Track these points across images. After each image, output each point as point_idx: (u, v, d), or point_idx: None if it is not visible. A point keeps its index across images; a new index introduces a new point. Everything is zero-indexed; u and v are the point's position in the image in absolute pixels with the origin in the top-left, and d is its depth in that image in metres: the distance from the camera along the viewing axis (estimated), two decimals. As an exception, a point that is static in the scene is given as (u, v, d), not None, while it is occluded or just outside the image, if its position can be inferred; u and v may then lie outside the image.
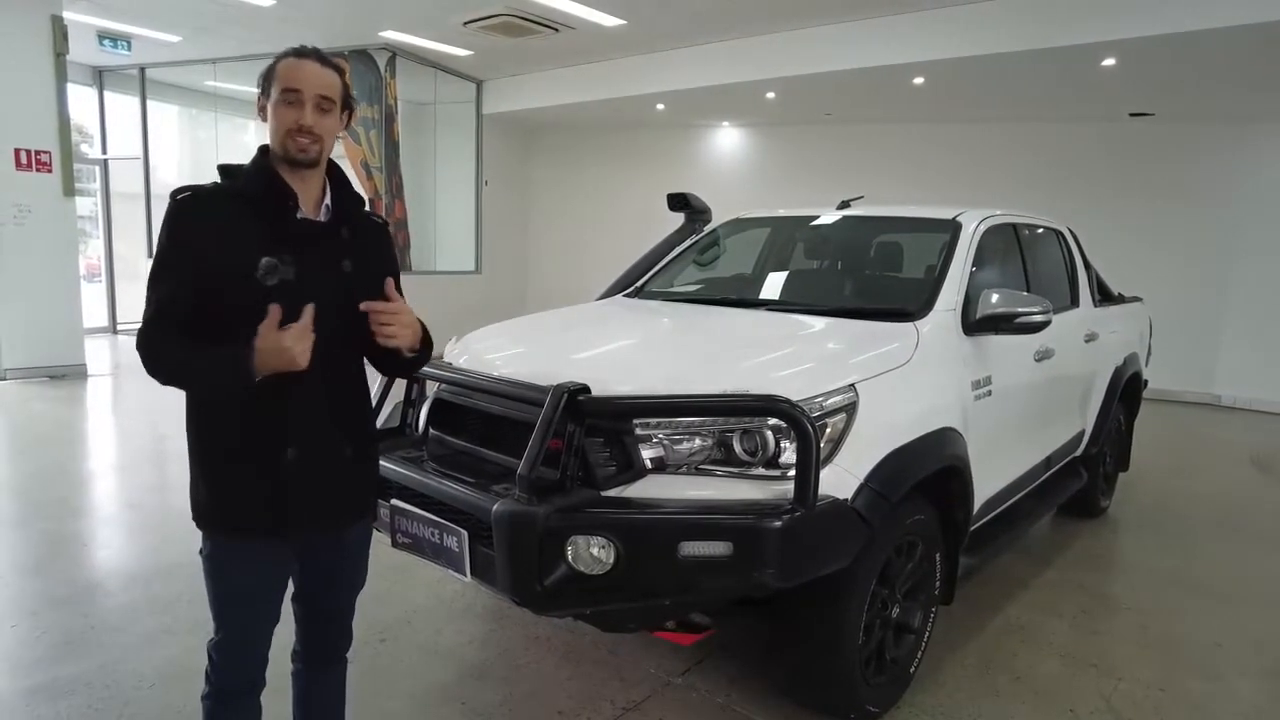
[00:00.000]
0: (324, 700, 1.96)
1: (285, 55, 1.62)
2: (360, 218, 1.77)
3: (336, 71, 1.65)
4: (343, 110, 1.67)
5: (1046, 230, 4.13)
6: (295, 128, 1.58)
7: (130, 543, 3.90)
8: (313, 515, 1.70)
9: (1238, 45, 5.95)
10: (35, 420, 6.34)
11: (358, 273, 1.70)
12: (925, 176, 9.50)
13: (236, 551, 1.68)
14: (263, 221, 1.59)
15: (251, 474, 1.63)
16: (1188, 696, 2.81)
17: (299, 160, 1.61)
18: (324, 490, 1.70)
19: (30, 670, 2.70)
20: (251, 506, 1.64)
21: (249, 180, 1.63)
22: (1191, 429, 7.72)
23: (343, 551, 1.83)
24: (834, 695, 2.45)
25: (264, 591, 1.73)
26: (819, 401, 2.19)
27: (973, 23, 6.68)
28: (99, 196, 11.16)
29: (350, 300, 1.67)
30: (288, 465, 1.63)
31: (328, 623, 1.90)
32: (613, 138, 11.79)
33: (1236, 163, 8.43)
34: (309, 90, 1.59)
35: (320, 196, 1.69)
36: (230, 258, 1.56)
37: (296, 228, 1.63)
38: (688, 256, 3.97)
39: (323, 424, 1.68)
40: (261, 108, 1.64)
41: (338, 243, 1.69)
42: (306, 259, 1.62)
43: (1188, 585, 3.78)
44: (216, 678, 1.76)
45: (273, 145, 1.62)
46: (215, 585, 1.72)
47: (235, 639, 1.74)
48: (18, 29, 7.36)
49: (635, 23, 7.73)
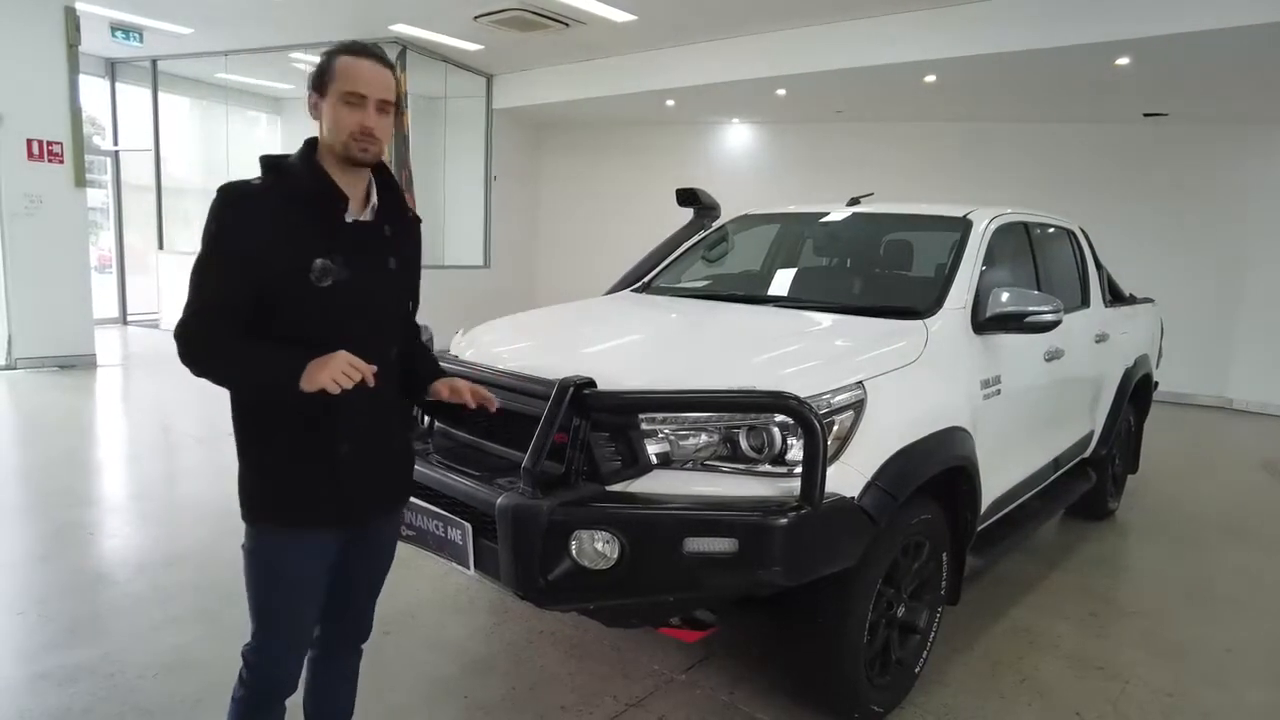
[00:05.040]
0: (337, 688, 1.97)
1: (340, 52, 1.59)
2: (400, 213, 1.77)
3: (391, 69, 1.64)
4: (396, 108, 1.67)
5: (1058, 229, 4.10)
6: (359, 130, 1.56)
7: (137, 532, 3.92)
8: (367, 505, 1.74)
9: (1253, 45, 5.88)
10: (45, 409, 6.37)
11: (401, 270, 1.74)
12: (936, 175, 9.45)
13: (295, 543, 1.67)
14: (313, 221, 1.59)
15: (313, 470, 1.64)
16: (1196, 703, 2.78)
17: (361, 161, 1.60)
18: (377, 481, 1.74)
19: (37, 657, 2.71)
20: (312, 498, 1.65)
21: (299, 178, 1.61)
22: (1203, 432, 7.66)
23: (376, 542, 1.85)
24: (838, 694, 2.43)
25: (310, 584, 1.72)
26: (827, 399, 2.17)
27: (985, 21, 6.63)
28: (110, 188, 11.21)
29: (399, 298, 1.75)
30: (343, 460, 1.65)
31: (353, 612, 1.90)
32: (622, 133, 11.76)
33: (1251, 164, 8.34)
34: (374, 94, 1.57)
35: (366, 194, 1.69)
36: (280, 256, 1.54)
37: (346, 229, 1.63)
38: (696, 252, 3.95)
39: (371, 419, 1.70)
40: (314, 104, 1.61)
41: (384, 241, 1.70)
42: (356, 259, 1.62)
43: (1197, 590, 3.75)
44: (253, 679, 1.74)
45: (331, 145, 1.60)
46: (266, 579, 1.69)
47: (279, 638, 1.72)
48: (31, 20, 7.39)
49: (646, 18, 7.71)
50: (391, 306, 1.74)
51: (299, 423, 1.61)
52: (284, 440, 1.64)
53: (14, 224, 7.51)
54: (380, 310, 1.70)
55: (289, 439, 1.63)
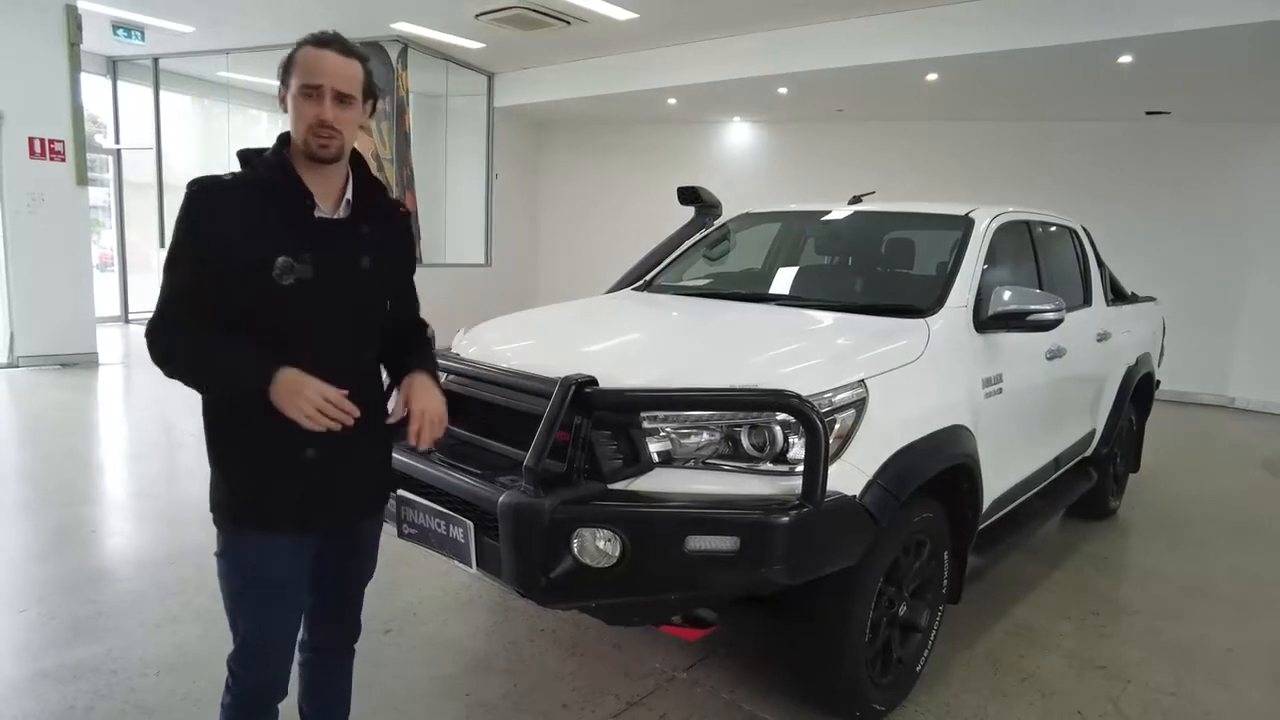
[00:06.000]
0: (331, 690, 1.96)
1: (305, 43, 1.57)
2: (382, 211, 1.72)
3: (359, 60, 1.59)
4: (365, 100, 1.61)
5: (1060, 228, 4.09)
6: (315, 123, 1.53)
7: (139, 530, 3.92)
8: (334, 510, 1.69)
9: (1256, 43, 5.87)
10: (47, 408, 6.38)
11: (376, 268, 1.67)
12: (938, 174, 9.44)
13: (260, 546, 1.65)
14: (279, 217, 1.55)
15: (274, 472, 1.61)
16: (1198, 702, 2.78)
17: (320, 156, 1.56)
18: (344, 486, 1.69)
19: (39, 655, 2.72)
20: (277, 502, 1.62)
21: (267, 172, 1.59)
22: (1204, 431, 7.65)
23: (356, 544, 1.82)
24: (840, 693, 2.43)
25: (285, 588, 1.70)
26: (828, 397, 2.17)
27: (987, 19, 6.62)
28: (112, 186, 11.21)
29: (372, 298, 1.67)
30: (308, 463, 1.61)
31: (338, 615, 1.89)
32: (624, 132, 11.76)
33: (1253, 162, 8.33)
34: (329, 83, 1.53)
35: (341, 191, 1.64)
36: (246, 252, 1.52)
37: (314, 226, 1.59)
38: (698, 251, 3.95)
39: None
40: (282, 99, 1.59)
41: (357, 240, 1.65)
42: (324, 258, 1.58)
43: (1198, 589, 3.75)
44: (238, 687, 1.73)
45: (294, 139, 1.58)
46: (236, 584, 1.68)
47: (257, 642, 1.70)
48: (33, 18, 7.39)
49: (647, 16, 7.70)
50: (365, 308, 1.67)
51: (264, 426, 1.55)
52: (248, 443, 1.61)
53: (16, 222, 7.51)
54: (350, 312, 1.64)
55: (253, 442, 1.60)
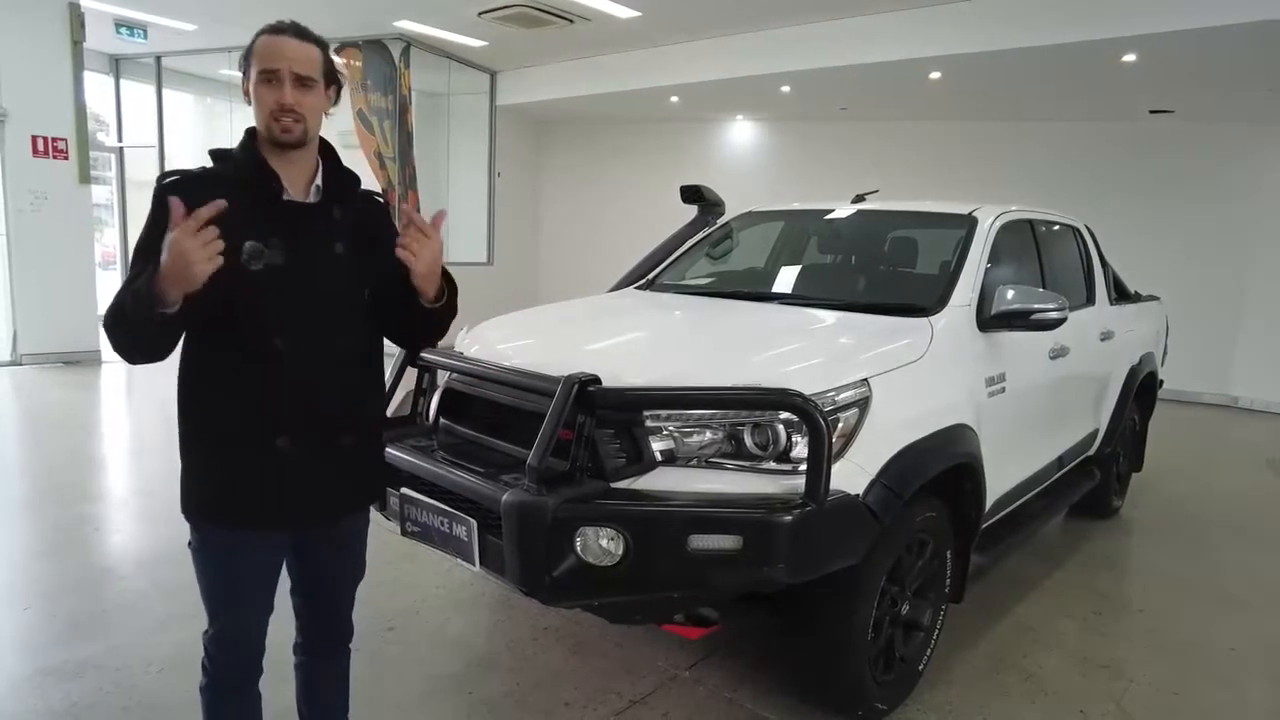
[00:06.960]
0: (327, 691, 1.96)
1: (261, 32, 1.57)
2: (355, 197, 1.71)
3: (317, 45, 1.59)
4: (328, 85, 1.61)
5: (1063, 227, 4.09)
6: (276, 108, 1.53)
7: (141, 528, 3.93)
8: (308, 506, 1.66)
9: (1261, 42, 5.85)
10: (49, 405, 6.39)
11: (353, 255, 1.65)
12: (941, 173, 9.43)
13: (227, 543, 1.64)
14: (246, 203, 1.53)
15: (242, 463, 1.59)
16: (1201, 701, 2.77)
17: (284, 141, 1.56)
18: (320, 481, 1.65)
19: (41, 652, 2.72)
20: (244, 497, 1.60)
21: (235, 164, 1.60)
22: (1207, 430, 7.64)
23: (339, 544, 1.80)
24: (842, 692, 2.43)
25: (257, 584, 1.69)
26: (831, 396, 2.17)
27: (991, 17, 6.60)
28: (115, 184, 11.22)
29: (348, 284, 1.64)
30: (279, 454, 1.58)
31: (326, 616, 1.87)
32: (627, 130, 11.74)
33: (1257, 161, 8.31)
34: (287, 67, 1.53)
35: (311, 177, 1.64)
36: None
37: (282, 210, 1.58)
38: (701, 249, 3.94)
39: (317, 411, 1.62)
40: (245, 90, 1.59)
41: (329, 224, 1.64)
42: (294, 242, 1.57)
43: (1201, 588, 3.74)
44: (213, 669, 1.74)
45: (258, 127, 1.58)
46: (206, 578, 1.68)
47: (229, 632, 1.71)
48: (36, 17, 7.40)
49: (650, 15, 7.69)
50: (339, 294, 1.64)
51: (236, 411, 1.55)
52: (218, 430, 1.59)
53: (19, 220, 7.53)
54: (324, 297, 1.61)
55: (223, 429, 1.59)
